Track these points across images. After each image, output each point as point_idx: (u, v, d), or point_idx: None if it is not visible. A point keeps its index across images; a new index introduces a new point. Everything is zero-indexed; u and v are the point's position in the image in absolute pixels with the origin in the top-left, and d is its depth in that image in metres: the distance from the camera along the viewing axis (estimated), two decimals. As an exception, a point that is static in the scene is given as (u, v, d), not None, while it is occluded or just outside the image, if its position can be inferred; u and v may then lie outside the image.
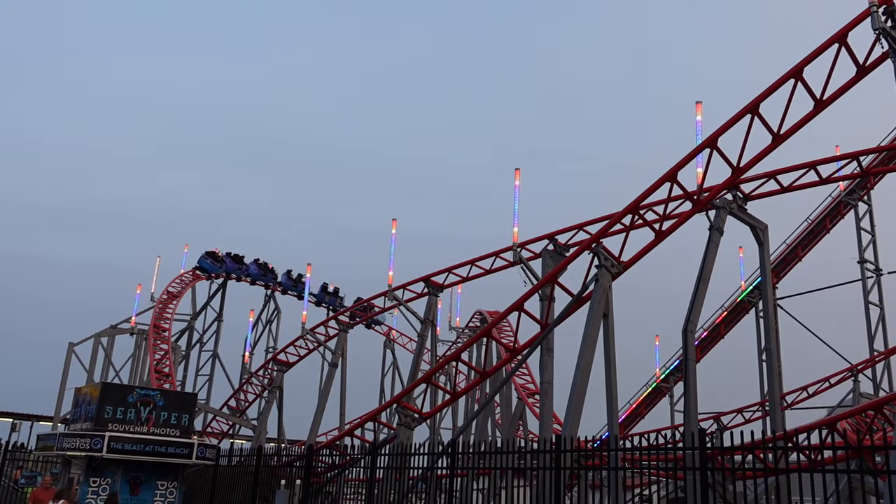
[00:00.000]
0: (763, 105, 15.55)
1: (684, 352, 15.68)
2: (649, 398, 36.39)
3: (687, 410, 15.35)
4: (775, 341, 17.52)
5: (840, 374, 29.29)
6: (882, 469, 10.41)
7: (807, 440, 10.57)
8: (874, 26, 13.70)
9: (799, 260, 33.27)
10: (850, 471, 9.73)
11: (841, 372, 29.35)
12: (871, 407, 15.43)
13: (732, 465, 12.17)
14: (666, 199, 16.58)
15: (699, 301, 16.47)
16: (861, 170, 19.27)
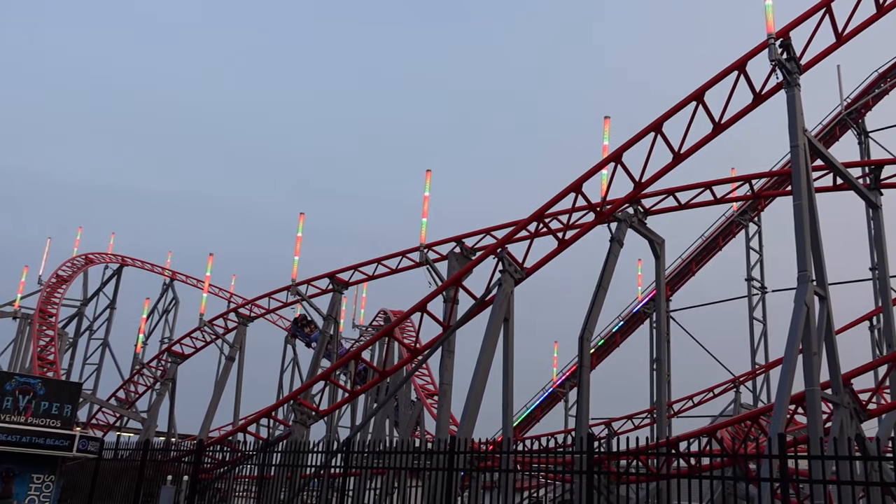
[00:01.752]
0: (666, 125, 16.17)
1: (579, 358, 16.09)
2: (546, 402, 37.20)
3: (578, 415, 15.76)
4: (665, 351, 18.23)
5: (723, 385, 30.78)
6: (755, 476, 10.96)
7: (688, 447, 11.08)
8: (771, 57, 14.40)
9: (692, 274, 34.81)
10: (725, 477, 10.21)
11: (724, 383, 30.85)
12: (748, 417, 16.28)
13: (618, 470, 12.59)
14: (570, 210, 16.98)
15: (596, 310, 16.95)
16: (752, 192, 20.30)
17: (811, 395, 12.01)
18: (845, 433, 12.87)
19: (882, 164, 18.03)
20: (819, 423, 12.06)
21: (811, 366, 12.33)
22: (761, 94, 15.55)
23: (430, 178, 21.66)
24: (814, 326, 12.83)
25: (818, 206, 14.26)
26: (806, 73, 15.09)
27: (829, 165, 16.19)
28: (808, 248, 13.25)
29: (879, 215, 17.13)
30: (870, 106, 32.33)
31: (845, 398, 13.16)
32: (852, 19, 15.44)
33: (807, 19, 15.10)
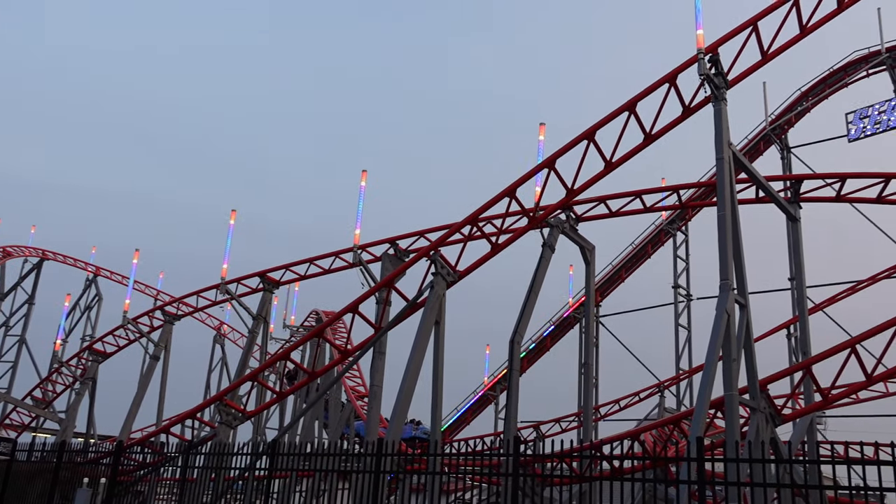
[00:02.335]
0: (599, 133, 16.49)
1: (509, 362, 16.25)
2: (476, 405, 37.42)
3: (507, 418, 15.90)
4: (593, 356, 18.55)
5: (649, 390, 31.53)
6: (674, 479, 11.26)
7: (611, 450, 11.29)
8: (700, 72, 14.83)
9: (622, 281, 35.58)
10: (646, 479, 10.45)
11: (650, 387, 31.61)
12: (670, 421, 16.71)
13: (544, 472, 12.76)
14: (504, 214, 17.14)
15: (527, 314, 17.15)
16: (680, 202, 20.87)
17: (729, 400, 12.39)
18: (761, 437, 13.34)
19: (802, 179, 18.80)
20: (736, 427, 12.45)
21: (730, 372, 12.73)
22: (690, 107, 15.98)
23: (366, 178, 21.55)
24: (733, 333, 13.25)
25: (742, 217, 14.76)
26: (734, 89, 15.59)
27: (752, 178, 16.76)
28: (730, 258, 13.69)
29: (798, 228, 17.83)
30: (792, 122, 33.66)
31: (762, 403, 13.64)
32: (777, 38, 16.00)
33: (734, 36, 15.60)
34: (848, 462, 8.88)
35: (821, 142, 32.34)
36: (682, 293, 33.32)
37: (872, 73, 32.59)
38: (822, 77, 33.47)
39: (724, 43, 15.39)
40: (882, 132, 30.08)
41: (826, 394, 14.28)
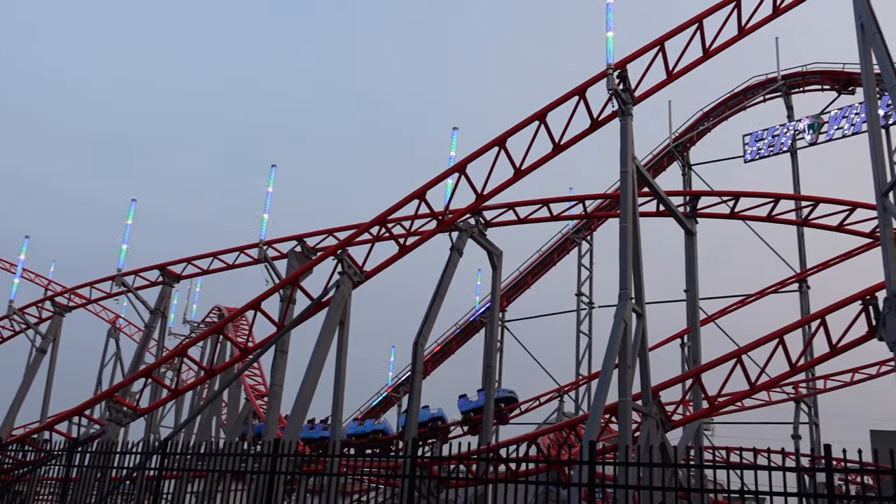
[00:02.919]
0: (511, 141, 16.73)
1: (413, 364, 16.28)
2: (379, 406, 37.29)
3: (408, 420, 15.90)
4: (495, 360, 18.79)
5: (549, 394, 32.20)
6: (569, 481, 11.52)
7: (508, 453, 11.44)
8: (608, 87, 15.27)
9: (528, 287, 36.24)
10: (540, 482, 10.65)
11: (550, 392, 32.28)
12: (567, 425, 17.11)
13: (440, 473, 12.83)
14: (413, 216, 17.16)
15: (433, 316, 17.24)
16: (585, 212, 21.44)
17: (623, 406, 12.80)
18: (651, 441, 13.83)
19: (699, 195, 19.63)
20: (628, 432, 12.85)
21: (625, 378, 13.14)
22: (598, 120, 16.43)
23: (274, 174, 21.15)
24: (630, 341, 13.69)
25: (645, 229, 15.28)
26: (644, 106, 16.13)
27: (653, 192, 17.38)
28: (629, 268, 14.14)
29: (693, 242, 18.59)
30: (694, 141, 35.14)
31: (653, 409, 14.15)
32: (682, 59, 16.64)
33: (642, 55, 16.14)
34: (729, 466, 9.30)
35: (719, 161, 33.91)
36: (584, 301, 34.22)
37: (769, 98, 34.40)
38: (722, 99, 35.09)
39: (632, 60, 15.90)
40: (775, 155, 31.77)
41: (713, 401, 14.93)
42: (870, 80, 13.63)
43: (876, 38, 13.17)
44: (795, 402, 26.66)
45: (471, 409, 28.35)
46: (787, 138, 31.36)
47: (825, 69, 32.37)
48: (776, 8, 16.24)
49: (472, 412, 28.08)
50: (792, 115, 32.87)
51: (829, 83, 32.52)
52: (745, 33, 16.44)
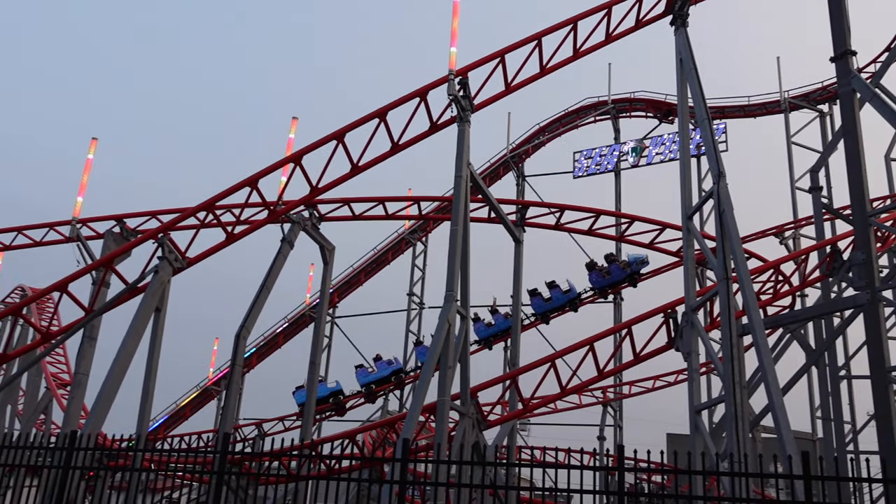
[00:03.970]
0: (351, 136, 16.60)
1: (233, 356, 15.73)
2: (197, 400, 35.76)
3: (224, 414, 15.36)
4: (320, 355, 18.59)
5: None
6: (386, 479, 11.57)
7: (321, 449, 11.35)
8: (449, 92, 15.58)
9: (361, 284, 36.15)
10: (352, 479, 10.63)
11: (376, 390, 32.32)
12: (387, 423, 17.22)
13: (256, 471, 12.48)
14: (243, 204, 16.61)
15: (258, 308, 16.73)
16: (420, 213, 21.72)
17: (441, 406, 13.07)
18: (466, 440, 14.23)
19: (528, 206, 20.48)
20: (445, 431, 13.14)
21: (445, 378, 13.43)
22: (437, 124, 16.70)
23: (96, 146, 19.68)
24: (452, 342, 14.01)
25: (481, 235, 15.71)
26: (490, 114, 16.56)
27: (485, 199, 17.91)
28: (457, 271, 14.47)
29: (520, 249, 19.35)
30: (529, 153, 36.62)
31: (470, 409, 14.57)
32: (521, 73, 17.26)
33: (484, 64, 16.58)
34: (534, 465, 9.72)
35: (551, 174, 35.53)
36: (415, 301, 34.66)
37: (599, 119, 36.51)
38: (558, 116, 36.82)
39: (474, 69, 16.30)
40: (601, 173, 33.76)
41: (527, 403, 15.61)
42: (684, 112, 14.82)
43: (692, 74, 14.34)
44: (603, 406, 28.41)
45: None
46: (613, 158, 33.44)
47: (649, 98, 34.86)
48: (608, 35, 17.24)
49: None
50: (618, 137, 35.09)
51: (652, 111, 35.04)
52: (579, 55, 17.31)
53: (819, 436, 20.75)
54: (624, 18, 17.31)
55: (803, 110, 31.74)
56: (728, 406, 11.07)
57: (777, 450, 9.94)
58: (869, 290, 12.64)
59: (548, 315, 29.14)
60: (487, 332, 29.08)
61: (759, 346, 11.10)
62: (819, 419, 19.22)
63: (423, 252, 35.73)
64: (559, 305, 28.61)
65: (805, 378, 22.12)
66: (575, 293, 28.41)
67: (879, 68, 16.85)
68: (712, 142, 13.24)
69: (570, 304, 28.64)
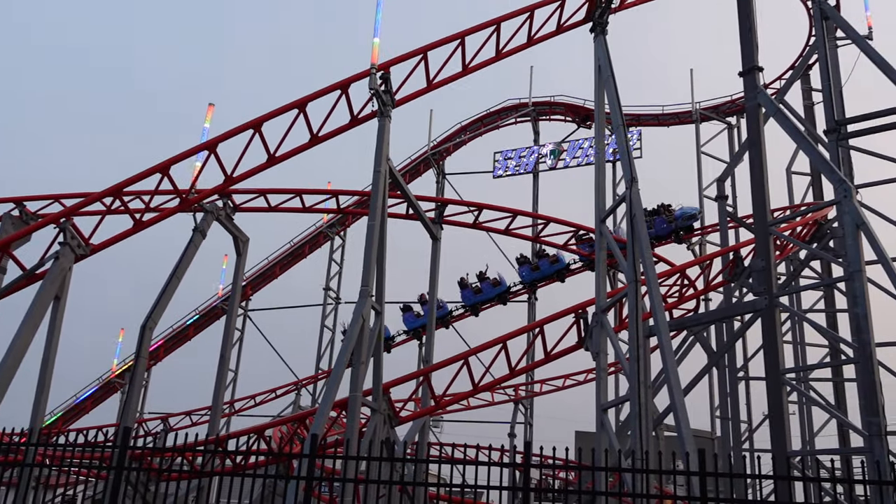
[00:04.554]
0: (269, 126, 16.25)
1: (138, 348, 15.19)
2: (100, 393, 34.40)
3: (126, 407, 14.83)
4: (230, 349, 18.17)
5: (286, 387, 31.84)
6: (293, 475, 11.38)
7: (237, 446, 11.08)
8: (370, 86, 15.46)
9: (276, 277, 35.52)
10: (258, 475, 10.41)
11: (288, 385, 31.94)
12: (297, 419, 16.98)
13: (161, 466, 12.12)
14: (153, 191, 16.05)
15: (166, 299, 16.20)
16: (339, 207, 21.48)
17: (352, 401, 12.98)
18: (378, 436, 14.17)
19: (447, 203, 20.55)
20: (356, 427, 13.06)
21: (357, 374, 13.34)
22: (358, 118, 16.55)
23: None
24: (366, 338, 13.93)
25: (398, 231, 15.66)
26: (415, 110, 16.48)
27: (404, 195, 17.88)
28: (372, 266, 14.39)
29: (438, 247, 19.41)
30: (450, 151, 36.76)
31: (382, 405, 14.52)
32: (443, 71, 17.30)
33: (406, 60, 16.53)
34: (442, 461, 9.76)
35: (471, 173, 35.79)
36: (331, 296, 34.32)
37: (520, 121, 36.99)
38: (480, 116, 37.09)
39: (396, 64, 16.23)
40: (520, 174, 34.22)
41: (439, 399, 15.66)
42: (601, 118, 15.18)
43: (609, 81, 14.69)
44: (514, 404, 28.84)
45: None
46: (532, 160, 33.94)
47: (569, 102, 35.56)
48: (530, 38, 17.48)
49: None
50: (538, 139, 35.65)
51: (571, 115, 35.75)
52: (501, 56, 17.49)
53: (718, 434, 21.64)
54: (546, 22, 17.59)
55: (713, 122, 33.05)
56: (633, 405, 11.41)
57: (678, 447, 10.31)
58: (767, 295, 13.26)
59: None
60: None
61: (663, 347, 11.48)
62: (718, 418, 20.04)
63: (341, 246, 35.43)
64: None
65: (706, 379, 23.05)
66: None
67: (784, 85, 17.76)
68: (626, 148, 13.60)
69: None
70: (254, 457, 11.29)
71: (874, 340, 12.09)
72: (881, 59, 15.35)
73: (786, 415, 13.24)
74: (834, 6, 17.22)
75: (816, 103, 24.33)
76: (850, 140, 15.69)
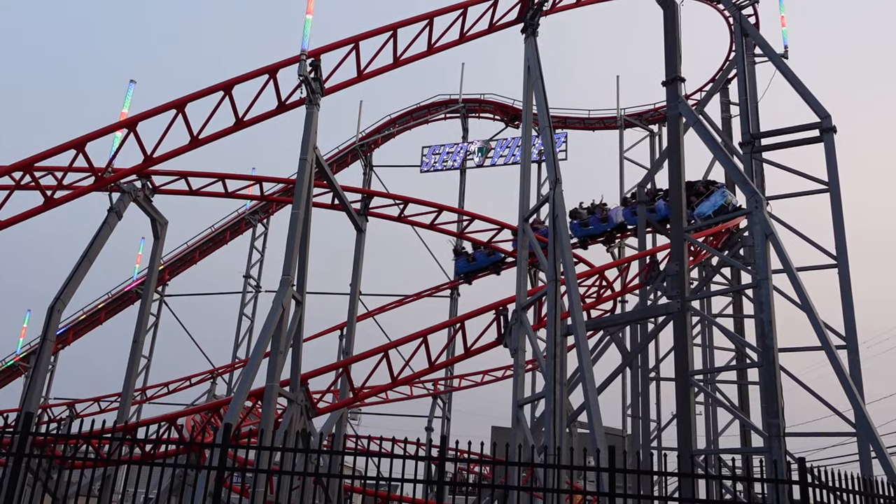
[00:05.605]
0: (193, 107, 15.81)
1: (44, 330, 14.60)
2: (3, 376, 32.85)
3: (30, 392, 14.24)
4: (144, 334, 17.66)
5: (202, 375, 31.12)
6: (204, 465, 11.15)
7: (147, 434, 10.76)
8: (300, 72, 15.24)
9: (195, 262, 34.63)
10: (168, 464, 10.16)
11: (204, 373, 31.21)
12: (211, 407, 16.65)
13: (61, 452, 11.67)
14: (67, 168, 15.43)
15: (77, 280, 15.62)
16: (262, 194, 21.12)
17: (268, 391, 12.82)
18: (293, 427, 14.03)
19: (373, 195, 20.48)
20: (271, 417, 12.90)
21: (275, 363, 13.17)
22: (285, 104, 16.32)
23: None
24: (286, 327, 13.76)
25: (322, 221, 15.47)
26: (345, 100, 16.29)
27: (330, 185, 17.71)
28: (295, 255, 14.22)
29: (362, 238, 19.32)
30: (378, 143, 36.58)
31: (300, 396, 14.37)
32: (374, 62, 17.21)
33: (338, 48, 16.40)
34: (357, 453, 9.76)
35: (398, 166, 35.74)
36: (252, 284, 33.72)
37: (450, 117, 37.12)
38: (409, 110, 37.02)
39: (327, 51, 16.07)
40: (447, 170, 34.36)
41: (357, 391, 15.62)
42: (528, 118, 15.40)
43: (537, 82, 14.91)
44: (433, 398, 29.00)
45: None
46: (460, 157, 34.12)
47: (498, 101, 35.89)
48: (462, 35, 17.59)
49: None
50: (466, 136, 35.87)
51: (500, 114, 36.09)
52: (433, 51, 17.54)
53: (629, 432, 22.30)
54: (478, 20, 17.72)
55: (636, 128, 33.93)
56: (548, 402, 11.64)
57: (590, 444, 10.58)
58: (679, 299, 13.75)
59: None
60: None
61: (579, 346, 11.75)
62: (630, 417, 20.65)
63: (264, 234, 34.82)
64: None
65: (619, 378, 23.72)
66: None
67: (704, 97, 18.44)
68: (552, 149, 13.84)
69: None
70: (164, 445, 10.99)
71: (777, 345, 12.71)
72: (795, 78, 16.11)
73: (692, 415, 13.79)
74: (754, 24, 17.95)
75: (734, 116, 25.31)
76: (764, 153, 16.39)
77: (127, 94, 17.77)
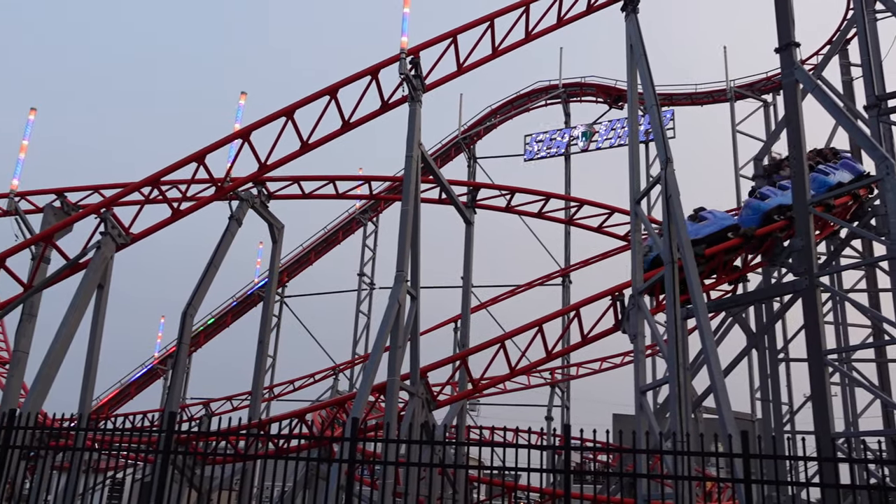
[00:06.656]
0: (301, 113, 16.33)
1: (179, 335, 15.50)
2: (143, 379, 35.16)
3: (171, 393, 15.15)
4: (269, 334, 18.42)
5: (325, 372, 32.21)
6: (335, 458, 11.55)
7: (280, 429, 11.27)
8: (400, 71, 15.45)
9: (311, 264, 35.87)
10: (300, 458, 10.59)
11: (326, 370, 32.30)
12: (336, 403, 17.19)
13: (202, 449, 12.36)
14: (190, 180, 16.28)
15: (205, 286, 16.49)
16: (371, 193, 21.59)
17: (390, 385, 13.09)
18: (416, 420, 14.29)
19: (479, 187, 20.53)
20: (394, 410, 13.18)
21: (395, 358, 13.44)
22: (388, 103, 16.56)
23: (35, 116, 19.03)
24: (402, 322, 14.01)
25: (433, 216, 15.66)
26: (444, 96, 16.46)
27: (436, 180, 17.89)
28: (407, 251, 14.45)
29: (471, 231, 19.41)
30: (481, 135, 36.66)
31: (420, 389, 14.62)
32: (473, 54, 17.21)
33: (436, 44, 16.48)
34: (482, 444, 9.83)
35: (502, 157, 35.70)
36: (366, 281, 34.56)
37: (551, 103, 36.73)
38: (509, 99, 36.90)
39: (425, 48, 16.19)
40: (551, 157, 34.03)
41: (476, 383, 15.72)
42: (633, 98, 15.01)
43: (641, 60, 14.50)
44: (551, 387, 28.85)
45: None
46: (563, 142, 33.72)
47: (600, 83, 35.18)
48: (560, 19, 17.32)
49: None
50: (569, 121, 35.38)
51: (602, 96, 35.37)
52: (531, 38, 17.35)
53: (758, 416, 21.41)
54: (576, 2, 17.40)
55: (748, 100, 32.44)
56: (672, 387, 11.34)
57: (718, 429, 10.24)
58: (807, 275, 13.07)
59: None
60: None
61: (702, 329, 11.38)
62: (758, 400, 19.83)
63: (374, 232, 35.61)
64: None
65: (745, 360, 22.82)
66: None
67: (821, 60, 17.39)
68: (660, 128, 13.43)
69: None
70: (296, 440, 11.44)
71: (919, 319, 11.87)
72: (925, 31, 14.94)
73: (828, 396, 13.08)
74: (874, -23, 16.78)
75: (855, 78, 23.75)
76: (892, 115, 15.32)
77: (238, 107, 18.53)
